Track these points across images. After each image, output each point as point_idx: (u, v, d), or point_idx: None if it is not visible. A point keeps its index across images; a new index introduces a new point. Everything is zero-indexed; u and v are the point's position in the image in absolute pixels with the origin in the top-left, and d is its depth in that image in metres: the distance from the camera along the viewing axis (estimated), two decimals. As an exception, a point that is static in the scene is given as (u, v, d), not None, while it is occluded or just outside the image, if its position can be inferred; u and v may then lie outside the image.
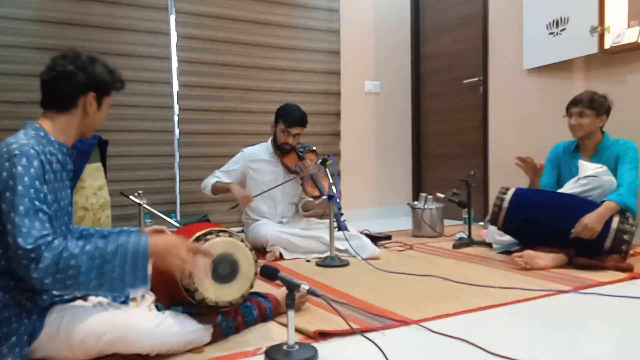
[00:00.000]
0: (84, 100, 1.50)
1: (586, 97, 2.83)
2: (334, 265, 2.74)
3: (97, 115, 1.56)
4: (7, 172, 1.33)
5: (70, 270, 1.29)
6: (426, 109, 5.05)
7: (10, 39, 3.28)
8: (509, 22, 4.06)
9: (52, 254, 1.28)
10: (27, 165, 1.33)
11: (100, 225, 2.82)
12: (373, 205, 4.91)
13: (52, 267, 1.28)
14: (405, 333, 1.72)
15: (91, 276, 1.30)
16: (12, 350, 1.34)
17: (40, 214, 1.32)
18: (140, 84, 3.70)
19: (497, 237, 3.06)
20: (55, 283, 1.29)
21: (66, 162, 1.53)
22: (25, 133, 1.42)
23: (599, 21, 3.26)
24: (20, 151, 1.34)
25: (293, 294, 1.44)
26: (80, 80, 1.48)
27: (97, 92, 1.52)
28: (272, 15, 4.23)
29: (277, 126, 3.24)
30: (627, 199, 2.58)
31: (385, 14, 4.91)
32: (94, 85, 1.51)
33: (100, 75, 1.51)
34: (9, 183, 1.32)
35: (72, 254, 1.29)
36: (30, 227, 1.29)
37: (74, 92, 1.49)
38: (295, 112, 3.20)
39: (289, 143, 3.22)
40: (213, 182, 3.27)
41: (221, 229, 1.64)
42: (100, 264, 1.31)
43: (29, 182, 1.33)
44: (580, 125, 2.83)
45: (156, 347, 1.44)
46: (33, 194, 1.33)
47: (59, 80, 1.47)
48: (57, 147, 1.48)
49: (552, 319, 1.85)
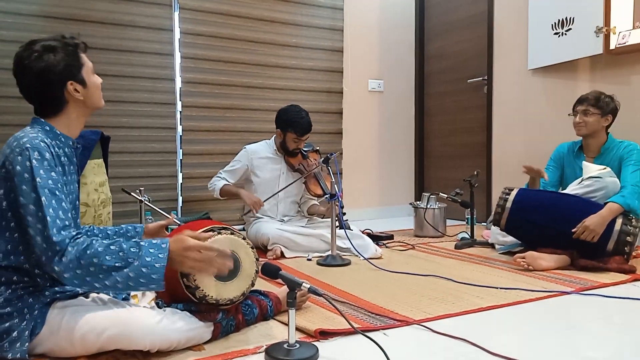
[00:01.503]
0: (68, 92, 1.48)
1: (592, 96, 2.83)
2: (336, 264, 2.73)
3: (89, 91, 1.52)
4: (22, 166, 1.34)
5: (91, 267, 1.31)
6: (430, 108, 5.03)
7: (14, 34, 3.28)
8: (514, 22, 4.05)
9: (76, 249, 1.31)
10: (40, 159, 1.35)
11: (101, 221, 2.82)
12: (375, 205, 4.90)
13: (75, 262, 1.30)
14: (406, 333, 1.71)
15: (111, 276, 1.32)
16: (13, 345, 1.34)
17: (63, 203, 1.35)
18: (143, 81, 3.70)
19: (499, 238, 3.05)
20: (74, 278, 1.31)
21: (72, 155, 1.54)
22: (33, 128, 1.44)
23: (605, 22, 3.25)
24: (31, 144, 1.36)
25: (294, 292, 1.44)
26: (50, 82, 1.45)
27: (72, 77, 1.48)
28: (276, 13, 4.22)
29: (286, 135, 3.23)
30: (631, 201, 2.57)
31: (390, 13, 4.90)
32: (64, 75, 1.47)
33: (59, 63, 1.45)
34: (25, 176, 1.33)
35: (96, 251, 1.32)
36: (55, 218, 1.31)
37: (55, 95, 1.47)
38: (303, 119, 3.20)
39: (299, 148, 3.28)
40: (221, 185, 3.26)
41: (223, 227, 1.64)
42: (122, 266, 1.33)
43: (45, 174, 1.35)
44: (585, 123, 2.82)
45: (156, 344, 1.44)
46: (52, 184, 1.35)
47: (35, 95, 1.47)
48: (64, 140, 1.49)
49: (554, 320, 1.84)
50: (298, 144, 3.25)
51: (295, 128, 3.19)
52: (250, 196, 3.16)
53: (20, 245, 1.39)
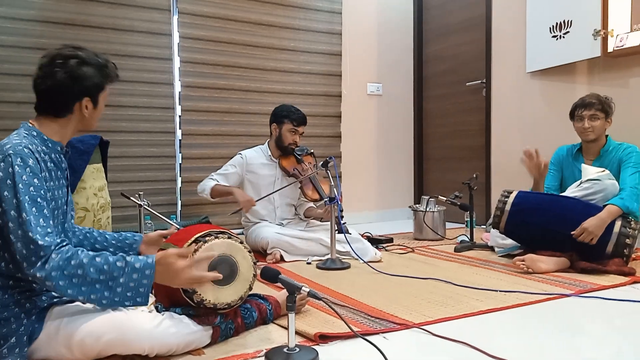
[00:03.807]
0: (80, 105, 1.50)
1: (596, 100, 2.83)
2: (335, 268, 2.73)
3: (95, 113, 1.56)
4: (4, 172, 1.33)
5: (74, 278, 1.31)
6: (429, 111, 5.04)
7: (13, 39, 3.29)
8: (512, 25, 4.06)
9: (60, 257, 1.31)
10: (23, 165, 1.35)
11: (101, 226, 2.81)
12: (374, 208, 4.90)
13: (58, 270, 1.30)
14: (406, 336, 1.71)
15: (95, 289, 1.33)
16: (11, 351, 1.34)
17: (45, 210, 1.35)
18: (142, 85, 3.70)
19: (499, 241, 3.05)
20: (57, 287, 1.31)
21: (60, 160, 1.53)
22: (18, 134, 1.43)
23: (602, 24, 3.26)
24: (14, 151, 1.35)
25: (294, 296, 1.44)
26: (75, 88, 1.47)
27: (92, 95, 1.52)
28: (275, 17, 4.23)
29: (281, 127, 3.25)
30: (630, 203, 2.57)
31: (388, 16, 4.91)
32: (88, 91, 1.50)
33: (91, 79, 1.49)
34: (7, 182, 1.33)
35: (81, 262, 1.32)
36: (36, 224, 1.31)
37: (69, 101, 1.49)
38: (298, 111, 3.26)
39: (296, 142, 3.26)
40: (212, 185, 3.24)
41: (220, 231, 1.64)
42: (106, 279, 1.34)
43: (27, 181, 1.34)
44: (592, 128, 2.82)
45: (155, 348, 1.44)
46: (33, 191, 1.34)
47: (52, 92, 1.47)
48: (51, 146, 1.48)
49: (553, 323, 1.84)
50: (294, 136, 3.24)
51: (290, 117, 3.22)
52: (243, 194, 3.14)
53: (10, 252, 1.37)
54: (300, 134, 3.26)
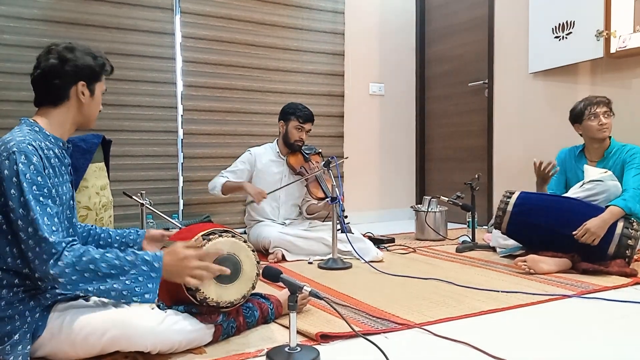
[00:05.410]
0: (75, 90, 1.51)
1: (604, 98, 2.84)
2: (337, 268, 2.73)
3: (92, 103, 1.55)
4: (9, 170, 1.34)
5: (87, 273, 1.33)
6: (431, 111, 5.04)
7: (15, 38, 3.29)
8: (514, 26, 4.06)
9: (73, 254, 1.33)
10: (27, 162, 1.35)
11: (103, 225, 2.81)
12: (376, 208, 4.90)
13: (71, 267, 1.31)
14: (407, 336, 1.71)
15: (106, 282, 1.34)
16: (15, 348, 1.34)
17: (48, 209, 1.35)
18: (144, 84, 3.71)
19: (501, 241, 3.04)
20: (68, 283, 1.32)
21: (63, 156, 1.53)
22: (20, 130, 1.43)
23: (605, 25, 3.26)
24: (18, 148, 1.35)
25: (295, 295, 1.44)
26: (67, 70, 1.48)
27: (87, 80, 1.52)
28: (277, 17, 4.23)
29: (288, 124, 3.28)
30: (632, 204, 2.57)
31: (391, 17, 4.91)
32: (82, 73, 1.51)
33: (83, 61, 1.50)
34: (13, 180, 1.33)
35: (93, 258, 1.34)
36: (43, 222, 1.32)
37: (64, 85, 1.49)
38: (305, 108, 3.30)
39: (302, 139, 3.28)
40: (223, 182, 3.27)
41: (224, 229, 1.64)
42: (117, 273, 1.36)
43: (31, 179, 1.34)
44: (608, 124, 2.83)
45: (158, 345, 1.44)
46: (37, 189, 1.34)
47: (46, 76, 1.48)
48: (53, 141, 1.49)
49: (555, 324, 1.84)
50: (300, 133, 3.27)
51: (297, 114, 3.26)
52: (253, 187, 3.17)
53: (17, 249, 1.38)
54: (306, 131, 3.29)
